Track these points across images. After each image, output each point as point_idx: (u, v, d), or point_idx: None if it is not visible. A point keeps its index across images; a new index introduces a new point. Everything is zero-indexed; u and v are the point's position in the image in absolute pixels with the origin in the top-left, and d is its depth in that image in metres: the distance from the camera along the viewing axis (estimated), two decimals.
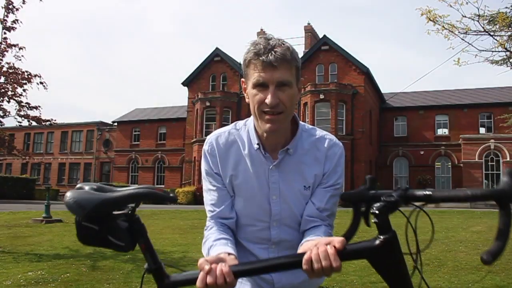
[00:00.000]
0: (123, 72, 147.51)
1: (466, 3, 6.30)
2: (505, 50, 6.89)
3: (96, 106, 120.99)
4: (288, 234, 1.39)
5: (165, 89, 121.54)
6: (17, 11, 8.37)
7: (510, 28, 6.82)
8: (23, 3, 8.43)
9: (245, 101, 1.40)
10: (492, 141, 28.17)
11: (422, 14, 6.48)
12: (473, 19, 6.51)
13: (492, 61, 7.23)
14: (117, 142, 40.26)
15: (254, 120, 1.38)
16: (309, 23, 36.28)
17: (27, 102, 8.46)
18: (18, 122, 8.66)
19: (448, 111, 32.32)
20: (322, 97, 28.16)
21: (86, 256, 6.71)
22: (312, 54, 30.79)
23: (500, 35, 6.89)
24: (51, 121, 9.02)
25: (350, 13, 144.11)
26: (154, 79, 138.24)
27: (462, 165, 29.10)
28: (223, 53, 34.00)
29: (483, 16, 6.58)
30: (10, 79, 8.22)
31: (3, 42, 8.27)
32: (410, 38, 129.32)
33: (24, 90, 8.40)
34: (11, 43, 8.32)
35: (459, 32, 6.48)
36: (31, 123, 8.77)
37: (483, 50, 6.67)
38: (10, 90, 8.26)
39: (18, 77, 8.27)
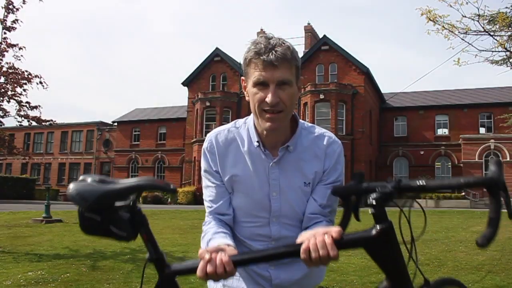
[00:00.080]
0: (123, 72, 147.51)
1: (466, 3, 6.30)
2: (505, 50, 6.89)
3: (96, 106, 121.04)
4: (288, 230, 1.39)
5: (165, 89, 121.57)
6: (17, 11, 8.37)
7: (510, 28, 6.82)
8: (23, 3, 8.43)
9: (245, 101, 1.40)
10: (492, 141, 28.17)
11: (422, 14, 6.48)
12: (473, 19, 6.51)
13: (492, 61, 7.23)
14: (117, 142, 40.27)
15: (254, 118, 1.39)
16: (309, 23, 36.30)
17: (27, 102, 8.46)
18: (18, 122, 8.67)
19: (448, 111, 32.33)
20: (322, 97, 28.16)
21: (86, 256, 6.71)
22: (312, 54, 30.79)
23: (500, 35, 6.89)
24: (51, 121, 9.03)
25: (350, 13, 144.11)
26: (154, 79, 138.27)
27: (462, 165, 29.10)
28: (223, 53, 34.01)
29: (483, 16, 6.58)
30: (10, 79, 8.22)
31: (3, 42, 8.27)
32: (410, 38, 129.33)
33: (24, 90, 8.40)
34: (11, 43, 8.32)
35: (459, 32, 6.49)
36: (31, 123, 8.78)
37: (483, 50, 6.67)
38: (10, 90, 8.27)
39: (18, 77, 8.27)
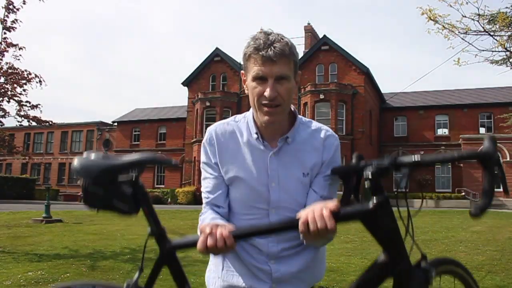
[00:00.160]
0: (123, 72, 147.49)
1: (466, 3, 6.30)
2: (505, 50, 6.88)
3: (96, 106, 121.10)
4: None
5: (165, 89, 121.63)
6: (17, 11, 8.36)
7: (510, 28, 6.82)
8: (24, 3, 8.43)
9: (245, 101, 1.44)
10: None
11: (422, 14, 6.47)
12: (473, 19, 6.51)
13: (492, 61, 7.22)
14: (117, 142, 40.29)
15: (253, 111, 1.42)
16: (309, 23, 36.31)
17: (27, 101, 8.46)
18: (18, 122, 8.67)
19: (448, 111, 32.35)
20: (322, 97, 28.17)
21: (86, 256, 6.71)
22: (312, 54, 30.79)
23: (500, 35, 6.88)
24: (50, 122, 9.04)
25: (350, 13, 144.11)
26: (154, 79, 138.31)
27: (462, 165, 29.10)
28: (223, 53, 34.01)
29: (483, 16, 6.58)
30: (10, 79, 8.22)
31: (3, 42, 8.26)
32: (410, 38, 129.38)
33: (24, 90, 8.40)
34: (12, 43, 8.32)
35: (459, 32, 6.48)
36: (31, 123, 8.77)
37: (483, 50, 6.66)
38: (10, 90, 8.26)
39: (17, 77, 8.26)
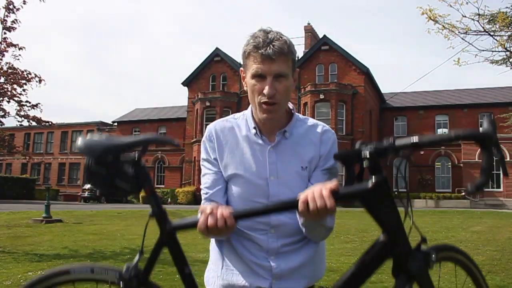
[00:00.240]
0: (123, 72, 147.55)
1: (466, 3, 6.30)
2: (505, 50, 6.89)
3: (96, 106, 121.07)
4: (287, 217, 1.39)
5: (165, 89, 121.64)
6: (17, 11, 8.36)
7: (510, 28, 6.81)
8: (24, 3, 8.42)
9: (245, 101, 1.45)
10: None
11: (422, 13, 6.48)
12: (473, 19, 6.51)
13: (492, 61, 7.23)
14: None
15: (252, 107, 1.45)
16: (309, 23, 36.32)
17: (27, 101, 8.45)
18: (18, 122, 8.66)
19: (448, 111, 32.34)
20: (322, 97, 28.18)
21: (86, 256, 6.71)
22: (312, 54, 30.80)
23: (500, 35, 6.89)
24: (50, 122, 9.06)
25: (350, 13, 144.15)
26: (154, 79, 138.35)
27: (462, 165, 29.09)
28: (223, 53, 34.02)
29: (483, 15, 6.58)
30: (9, 79, 8.22)
31: (3, 42, 8.26)
32: (410, 38, 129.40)
33: (23, 90, 8.40)
34: (12, 43, 8.31)
35: (459, 32, 6.48)
36: (31, 123, 8.77)
37: (483, 50, 6.67)
38: (10, 90, 8.26)
39: (17, 77, 8.26)
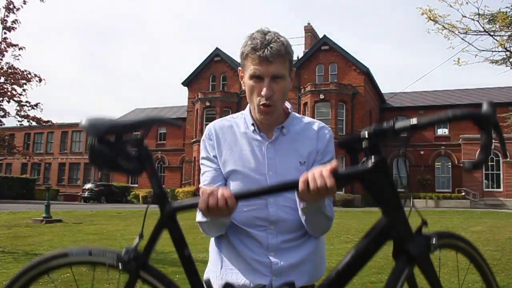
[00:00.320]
0: (123, 72, 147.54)
1: (466, 3, 6.31)
2: (505, 50, 6.89)
3: (96, 106, 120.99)
4: (285, 212, 1.40)
5: (165, 89, 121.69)
6: (17, 11, 8.36)
7: (510, 27, 6.81)
8: (24, 3, 8.42)
9: (245, 101, 1.47)
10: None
11: (422, 14, 6.49)
12: (473, 19, 6.51)
13: (492, 61, 7.24)
14: None
15: (250, 106, 1.47)
16: (309, 23, 36.34)
17: (27, 101, 8.46)
18: (18, 121, 8.67)
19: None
20: (322, 97, 28.17)
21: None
22: (312, 54, 30.80)
23: (500, 35, 6.89)
24: (49, 122, 9.07)
25: (350, 13, 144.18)
26: (154, 79, 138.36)
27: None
28: (223, 53, 34.02)
29: (483, 15, 6.58)
30: (9, 79, 8.22)
31: (3, 42, 8.26)
32: (410, 38, 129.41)
33: (23, 90, 8.40)
34: (11, 43, 8.31)
35: (459, 32, 6.49)
36: (31, 123, 8.77)
37: (483, 50, 6.68)
38: (10, 90, 8.26)
39: (17, 76, 8.26)
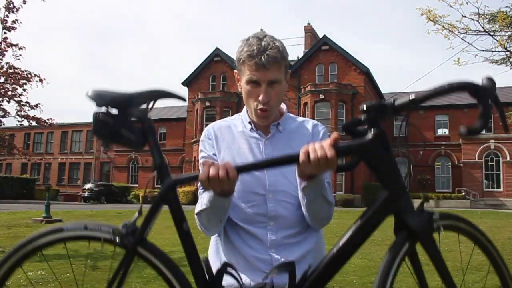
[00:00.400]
0: (123, 71, 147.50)
1: (466, 3, 6.31)
2: (505, 50, 6.89)
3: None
4: (285, 209, 1.41)
5: (165, 89, 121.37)
6: (17, 11, 8.36)
7: (510, 27, 6.82)
8: (24, 3, 8.43)
9: None
10: (492, 141, 28.17)
11: (422, 14, 6.50)
12: (473, 19, 6.52)
13: (492, 61, 7.24)
14: None
15: (246, 107, 1.50)
16: (309, 23, 36.31)
17: (27, 101, 8.46)
18: (18, 121, 8.67)
19: (448, 111, 32.32)
20: (322, 97, 28.17)
21: (86, 256, 6.71)
22: (312, 54, 30.79)
23: (500, 35, 6.89)
24: (51, 120, 9.06)
25: (350, 13, 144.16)
26: (154, 79, 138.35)
27: (462, 165, 29.11)
28: (223, 53, 34.01)
29: (483, 15, 6.59)
30: (10, 79, 8.22)
31: (3, 42, 8.26)
32: (410, 38, 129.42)
33: (24, 90, 8.40)
34: (11, 43, 8.32)
35: (459, 32, 6.50)
36: (31, 123, 8.77)
37: (483, 50, 6.69)
38: (10, 90, 8.27)
39: (18, 76, 8.26)
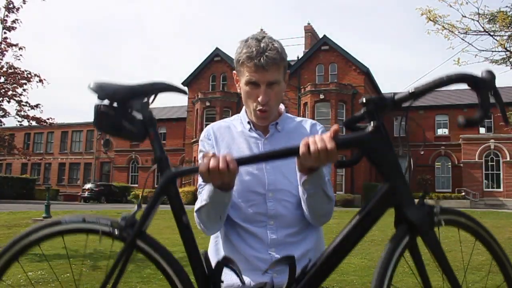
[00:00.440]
0: (123, 71, 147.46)
1: (466, 3, 6.31)
2: (505, 50, 6.89)
3: None
4: (284, 207, 1.42)
5: None
6: (17, 11, 8.37)
7: (510, 27, 6.82)
8: (24, 3, 8.43)
9: None
10: (492, 141, 28.16)
11: (422, 14, 6.50)
12: (473, 19, 6.52)
13: (492, 61, 7.23)
14: (117, 142, 40.22)
15: (245, 108, 1.51)
16: (309, 23, 36.30)
17: (27, 102, 8.46)
18: (18, 122, 8.66)
19: (448, 111, 32.31)
20: (322, 97, 28.16)
21: (86, 256, 6.71)
22: (312, 54, 30.78)
23: (500, 35, 6.89)
24: (51, 119, 9.06)
25: (350, 13, 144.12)
26: (154, 79, 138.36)
27: (462, 165, 29.10)
28: (223, 53, 33.99)
29: (483, 15, 6.59)
30: (10, 79, 8.22)
31: (3, 42, 8.26)
32: (410, 38, 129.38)
33: (24, 90, 8.40)
34: (11, 43, 8.32)
35: (459, 32, 6.50)
36: (31, 123, 8.77)
37: (483, 50, 6.68)
38: (10, 90, 8.27)
39: (18, 76, 8.26)
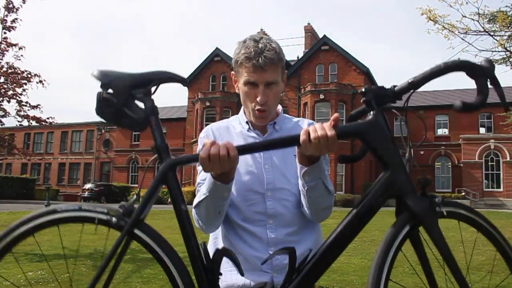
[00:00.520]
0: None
1: (466, 3, 6.32)
2: (505, 50, 6.90)
3: None
4: (283, 206, 1.42)
5: (165, 89, 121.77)
6: (17, 11, 8.38)
7: (510, 27, 6.82)
8: (23, 3, 8.44)
9: None
10: (492, 141, 28.16)
11: (422, 14, 6.50)
12: (473, 19, 6.52)
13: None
14: (117, 142, 40.26)
15: (244, 108, 1.53)
16: (309, 23, 36.34)
17: (27, 102, 8.47)
18: (18, 122, 8.67)
19: (448, 111, 32.29)
20: (322, 97, 28.16)
21: (86, 256, 6.71)
22: (312, 54, 30.79)
23: (500, 35, 6.90)
24: (51, 118, 9.07)
25: (350, 13, 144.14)
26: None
27: (462, 165, 29.10)
28: (223, 53, 34.00)
29: (483, 15, 6.59)
30: (10, 79, 8.23)
31: (3, 42, 8.27)
32: (410, 38, 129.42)
33: (24, 90, 8.41)
34: (11, 43, 8.33)
35: (459, 32, 6.50)
36: (31, 123, 8.78)
37: (483, 50, 6.70)
38: (10, 90, 8.28)
39: (18, 77, 8.27)
